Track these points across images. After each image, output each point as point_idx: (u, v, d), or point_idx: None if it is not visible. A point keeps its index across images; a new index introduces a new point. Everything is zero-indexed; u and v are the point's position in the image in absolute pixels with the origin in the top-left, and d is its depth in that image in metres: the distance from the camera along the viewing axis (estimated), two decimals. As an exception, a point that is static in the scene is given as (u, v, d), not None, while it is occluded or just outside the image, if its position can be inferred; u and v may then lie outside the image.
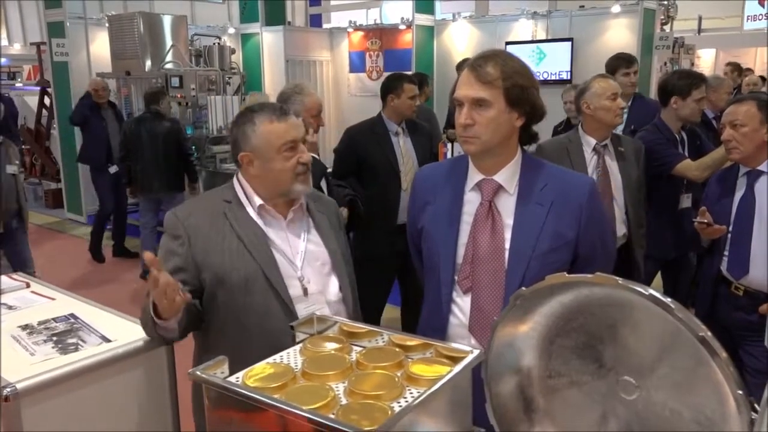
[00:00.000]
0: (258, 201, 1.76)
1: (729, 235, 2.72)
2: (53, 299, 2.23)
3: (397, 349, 0.93)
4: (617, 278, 0.85)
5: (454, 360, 0.88)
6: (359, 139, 3.70)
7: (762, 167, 2.66)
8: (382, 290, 3.81)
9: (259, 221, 1.76)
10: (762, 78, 9.25)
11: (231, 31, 10.07)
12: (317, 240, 1.85)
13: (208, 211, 1.78)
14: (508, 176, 1.69)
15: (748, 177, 2.69)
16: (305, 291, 1.74)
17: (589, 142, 3.05)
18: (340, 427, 0.70)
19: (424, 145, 3.81)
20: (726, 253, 2.73)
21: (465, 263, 1.69)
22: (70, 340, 1.87)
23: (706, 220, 2.64)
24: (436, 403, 0.79)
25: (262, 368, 0.87)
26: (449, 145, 5.43)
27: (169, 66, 7.44)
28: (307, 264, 1.79)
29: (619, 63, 4.33)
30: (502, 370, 0.99)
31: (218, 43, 8.64)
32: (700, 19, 16.76)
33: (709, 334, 0.79)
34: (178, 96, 6.91)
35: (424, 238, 1.83)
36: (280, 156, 1.72)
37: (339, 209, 3.31)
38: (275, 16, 10.00)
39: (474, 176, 1.72)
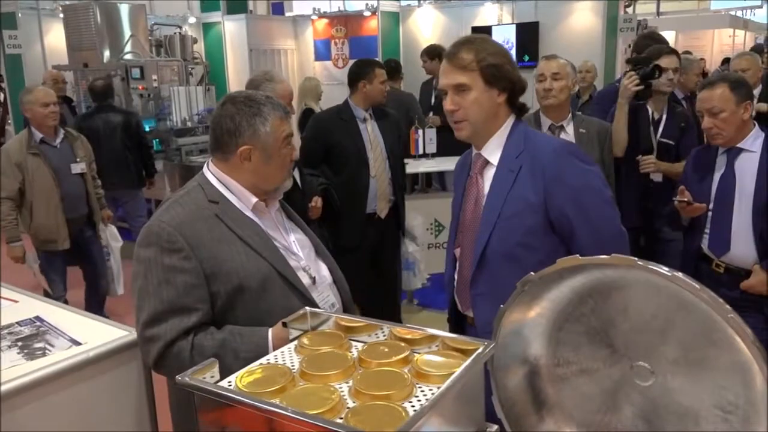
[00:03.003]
0: (253, 199, 1.62)
1: (710, 213, 2.72)
2: (16, 302, 2.11)
3: (402, 344, 0.87)
4: (635, 258, 0.80)
5: (463, 352, 0.82)
6: (326, 126, 3.62)
7: (741, 144, 2.66)
8: (356, 282, 3.74)
9: (255, 218, 1.63)
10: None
11: (192, 20, 9.82)
12: (296, 228, 1.80)
13: (197, 215, 1.56)
14: (492, 149, 1.81)
15: (728, 155, 2.69)
16: (313, 280, 1.67)
17: (544, 122, 3.06)
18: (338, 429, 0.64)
19: (393, 132, 3.75)
20: (707, 231, 2.73)
21: (457, 233, 1.90)
22: (37, 345, 1.76)
23: (686, 199, 2.63)
24: (449, 401, 0.73)
25: (255, 370, 0.79)
26: (420, 132, 5.37)
27: (128, 57, 7.21)
28: (301, 253, 1.72)
29: (650, 45, 3.72)
30: (509, 360, 0.94)
31: (179, 33, 8.41)
32: (658, 1, 17.02)
33: (738, 317, 0.75)
34: (140, 88, 6.70)
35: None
36: (280, 153, 1.63)
37: (313, 198, 3.26)
38: (236, 5, 9.79)
39: (473, 152, 1.89)
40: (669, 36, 16.14)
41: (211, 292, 1.52)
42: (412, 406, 0.71)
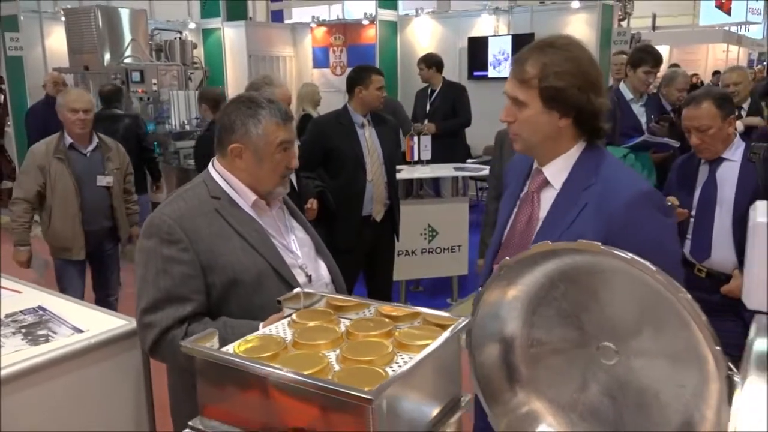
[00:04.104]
0: (252, 197, 1.68)
1: (692, 220, 2.81)
2: (20, 292, 2.17)
3: (387, 320, 0.94)
4: (599, 244, 0.88)
5: (442, 327, 0.90)
6: (325, 131, 3.71)
7: (723, 154, 2.75)
8: (348, 283, 3.82)
9: (254, 216, 1.69)
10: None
11: (192, 26, 9.92)
12: (299, 227, 1.85)
13: (198, 210, 1.63)
14: (555, 171, 1.60)
15: (710, 164, 2.79)
16: (309, 278, 1.71)
17: None
18: (342, 390, 0.71)
19: (390, 138, 3.84)
20: (689, 236, 2.82)
21: (501, 246, 1.69)
22: (40, 332, 1.84)
23: (671, 203, 2.72)
24: (427, 367, 0.80)
25: (251, 340, 0.87)
26: (416, 139, 5.47)
27: (128, 60, 7.29)
28: (300, 251, 1.78)
29: (644, 59, 4.02)
30: (486, 339, 1.02)
31: (179, 38, 8.50)
32: (654, 16, 17.23)
33: (689, 296, 0.83)
34: (140, 91, 6.78)
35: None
36: (273, 158, 1.66)
37: (309, 200, 3.34)
38: (236, 11, 9.90)
39: (535, 165, 1.68)
40: (663, 50, 16.34)
41: (207, 284, 1.58)
42: (393, 370, 0.79)
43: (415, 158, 5.46)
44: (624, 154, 3.92)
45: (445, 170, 5.40)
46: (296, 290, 1.01)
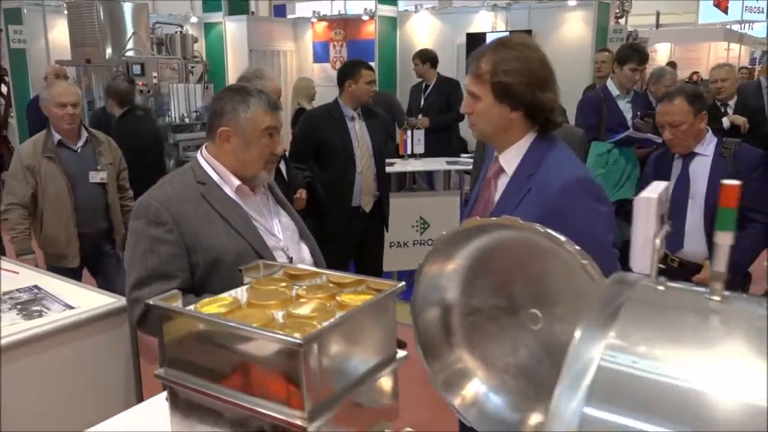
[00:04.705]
0: (236, 182, 1.78)
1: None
2: (17, 273, 2.29)
3: (332, 285, 1.06)
4: (518, 219, 0.99)
5: (381, 292, 1.01)
6: (317, 123, 3.81)
7: (696, 149, 2.86)
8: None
9: (238, 200, 1.79)
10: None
11: (194, 20, 10.03)
12: (283, 212, 1.96)
13: (184, 194, 1.73)
14: (509, 159, 1.72)
15: (684, 159, 2.89)
16: (290, 260, 1.81)
17: None
18: (279, 336, 0.83)
19: (379, 131, 3.94)
20: (662, 228, 2.93)
21: None
22: (34, 308, 1.95)
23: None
24: (357, 321, 0.92)
25: (210, 301, 0.99)
26: (409, 133, 5.57)
27: (130, 54, 7.40)
28: (282, 234, 1.88)
29: (631, 56, 4.14)
30: (427, 306, 1.12)
31: (180, 32, 8.61)
32: (658, 14, 17.27)
33: (587, 262, 0.93)
34: (140, 84, 6.89)
35: None
36: (260, 142, 1.76)
37: (298, 190, 3.45)
38: (238, 6, 10.01)
39: (495, 153, 1.80)
40: (665, 48, 16.39)
41: (191, 263, 1.70)
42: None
43: (408, 152, 5.56)
44: (609, 149, 4.03)
45: (437, 164, 5.50)
46: (256, 261, 1.12)
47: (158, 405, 1.33)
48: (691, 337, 0.62)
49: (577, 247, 0.94)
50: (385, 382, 0.99)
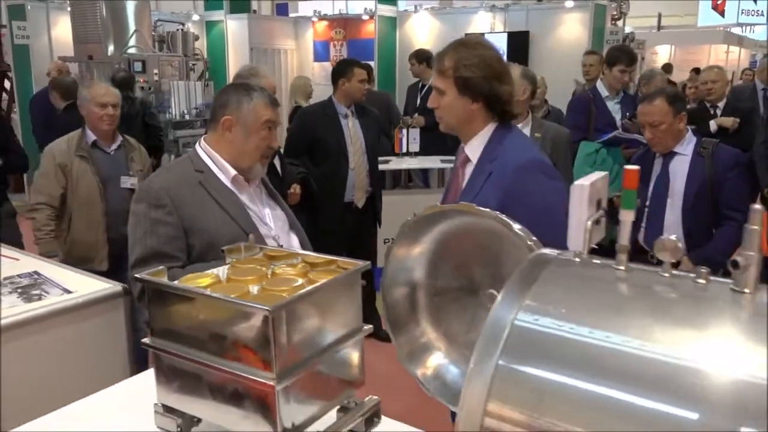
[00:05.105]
0: (233, 172, 1.89)
1: (646, 210, 3.02)
2: (17, 259, 2.39)
3: (305, 264, 1.16)
4: (474, 205, 1.09)
5: (348, 270, 1.11)
6: (311, 120, 3.92)
7: (675, 149, 2.95)
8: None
9: (233, 189, 1.90)
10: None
11: (195, 18, 10.14)
12: (274, 204, 2.07)
13: (183, 181, 1.84)
14: (473, 148, 1.91)
15: (664, 158, 2.99)
16: (281, 248, 1.87)
17: None
18: (251, 304, 0.93)
19: (372, 128, 4.05)
20: (643, 225, 3.02)
21: None
22: (34, 292, 2.05)
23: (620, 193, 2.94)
24: (323, 295, 1.02)
25: (193, 277, 1.09)
26: (404, 131, 5.66)
27: (132, 51, 7.51)
28: (274, 224, 1.99)
29: (620, 57, 4.26)
30: (396, 284, 1.22)
31: (182, 30, 8.71)
32: (659, 16, 17.35)
33: (538, 243, 1.03)
34: (141, 81, 6.99)
35: None
36: (259, 133, 1.88)
37: (292, 185, 3.55)
38: (240, 4, 10.11)
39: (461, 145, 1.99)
40: (665, 50, 16.47)
41: (188, 244, 1.81)
42: (299, 297, 1.01)
43: (404, 150, 5.65)
44: (597, 148, 4.12)
45: (431, 162, 5.59)
46: (238, 243, 1.23)
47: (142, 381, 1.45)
48: (598, 301, 0.72)
49: (524, 229, 1.03)
50: (351, 352, 1.09)
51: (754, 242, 0.66)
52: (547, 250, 0.83)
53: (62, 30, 8.29)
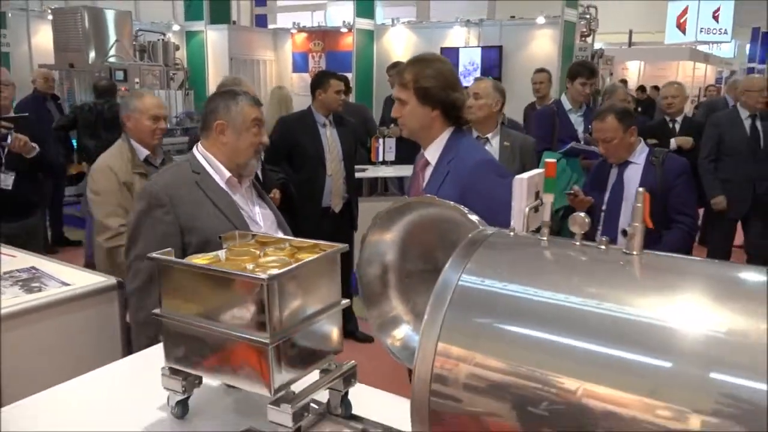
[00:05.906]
0: (227, 173, 2.07)
1: (602, 215, 3.27)
2: (14, 256, 2.53)
3: (292, 247, 1.34)
4: (435, 197, 1.29)
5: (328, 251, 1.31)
6: (291, 128, 4.11)
7: (629, 158, 3.21)
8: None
9: (227, 190, 2.07)
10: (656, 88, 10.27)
11: (176, 28, 10.28)
12: (264, 204, 2.25)
13: (180, 181, 2.00)
14: (432, 152, 2.15)
15: (619, 167, 3.25)
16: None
17: (474, 134, 3.45)
18: (248, 275, 1.12)
19: (349, 137, 4.26)
20: (599, 227, 3.27)
21: None
22: (34, 284, 2.20)
23: (573, 191, 3.21)
24: (307, 270, 1.21)
25: (196, 257, 1.27)
26: (381, 141, 5.88)
27: (113, 60, 7.63)
28: (263, 223, 2.16)
29: (581, 71, 4.55)
30: (370, 265, 1.42)
31: (162, 40, 8.86)
32: (630, 33, 17.89)
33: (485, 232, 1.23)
34: (123, 89, 7.12)
35: None
36: (249, 131, 2.06)
37: (272, 191, 3.73)
38: (220, 15, 10.28)
39: (421, 151, 2.22)
40: (635, 66, 16.98)
41: (183, 242, 1.97)
42: (286, 272, 1.20)
43: (380, 159, 5.87)
44: (558, 158, 4.37)
45: (407, 170, 5.80)
46: (232, 231, 1.42)
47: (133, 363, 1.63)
48: (525, 263, 0.92)
49: (480, 219, 1.23)
50: (332, 321, 1.28)
51: (638, 216, 0.87)
52: (487, 228, 1.03)
53: (42, 38, 8.39)
